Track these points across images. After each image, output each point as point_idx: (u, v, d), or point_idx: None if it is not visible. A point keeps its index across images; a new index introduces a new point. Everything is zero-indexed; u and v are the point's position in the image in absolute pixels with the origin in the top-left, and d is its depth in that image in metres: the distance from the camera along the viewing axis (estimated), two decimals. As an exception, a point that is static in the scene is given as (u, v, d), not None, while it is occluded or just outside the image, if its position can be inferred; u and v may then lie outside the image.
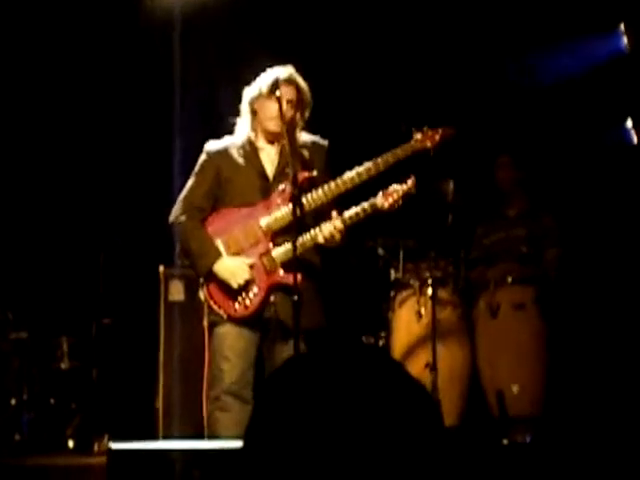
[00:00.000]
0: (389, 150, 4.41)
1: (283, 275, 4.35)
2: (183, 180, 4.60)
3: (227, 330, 4.39)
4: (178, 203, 4.50)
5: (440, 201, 5.69)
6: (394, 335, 5.65)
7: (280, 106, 4.29)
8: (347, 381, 2.66)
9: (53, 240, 6.84)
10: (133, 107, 6.84)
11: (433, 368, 5.24)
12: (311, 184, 4.39)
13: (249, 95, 4.49)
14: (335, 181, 4.38)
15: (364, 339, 5.91)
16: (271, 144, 4.53)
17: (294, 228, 4.15)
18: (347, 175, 4.39)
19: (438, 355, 5.27)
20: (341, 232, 4.37)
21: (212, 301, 4.41)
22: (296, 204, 4.14)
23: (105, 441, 5.68)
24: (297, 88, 4.43)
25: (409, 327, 5.57)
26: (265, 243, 4.41)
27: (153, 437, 5.57)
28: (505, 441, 5.23)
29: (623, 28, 6.55)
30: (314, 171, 4.42)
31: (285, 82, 4.39)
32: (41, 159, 6.85)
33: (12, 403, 5.99)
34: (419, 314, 5.52)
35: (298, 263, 4.10)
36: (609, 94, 6.49)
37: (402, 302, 5.65)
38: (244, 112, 4.53)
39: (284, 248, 4.36)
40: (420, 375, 5.02)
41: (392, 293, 5.74)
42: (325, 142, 4.57)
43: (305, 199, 4.31)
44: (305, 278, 4.23)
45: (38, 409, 6.09)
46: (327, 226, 4.36)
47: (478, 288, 5.68)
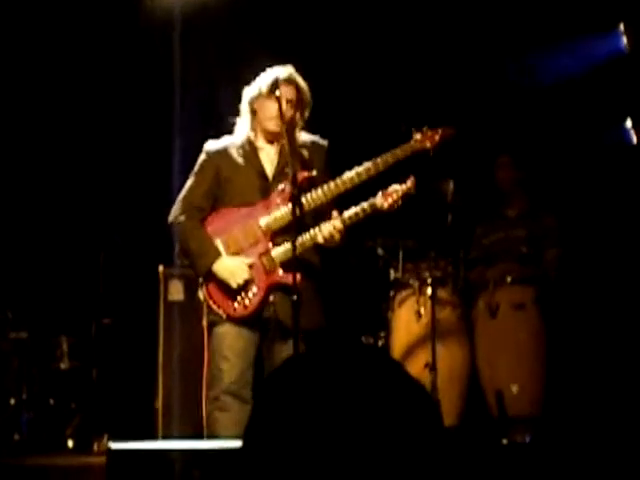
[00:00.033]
0: (389, 150, 4.41)
1: (282, 275, 4.35)
2: (183, 180, 4.60)
3: (226, 330, 4.38)
4: (177, 203, 4.50)
5: (440, 201, 5.68)
6: (393, 335, 5.64)
7: (280, 106, 4.29)
8: (346, 381, 2.66)
9: (53, 240, 6.84)
10: (133, 107, 6.84)
11: (432, 368, 5.23)
12: (311, 184, 4.38)
13: (249, 95, 4.48)
14: (335, 181, 4.38)
15: (363, 339, 5.90)
16: (271, 144, 4.52)
17: (293, 228, 4.15)
18: (347, 175, 4.39)
19: (437, 355, 5.27)
20: (341, 232, 4.36)
21: (211, 301, 4.41)
22: (295, 204, 4.14)
23: (105, 441, 5.68)
24: (297, 88, 4.43)
25: (408, 327, 5.57)
26: (264, 243, 4.41)
27: (153, 437, 5.57)
28: (504, 441, 5.22)
29: (623, 28, 6.54)
30: (314, 171, 4.42)
31: (285, 82, 4.39)
32: (41, 159, 6.85)
33: (12, 403, 5.99)
34: (419, 314, 5.51)
35: (297, 263, 4.10)
36: (609, 94, 6.49)
37: (402, 302, 5.65)
38: (244, 112, 4.53)
39: (283, 248, 4.36)
40: (419, 375, 5.01)
41: (392, 293, 5.73)
42: (325, 142, 4.57)
43: (305, 199, 4.31)
44: (304, 278, 4.22)
45: (38, 409, 6.08)
46: (327, 226, 4.35)
47: (477, 288, 5.68)
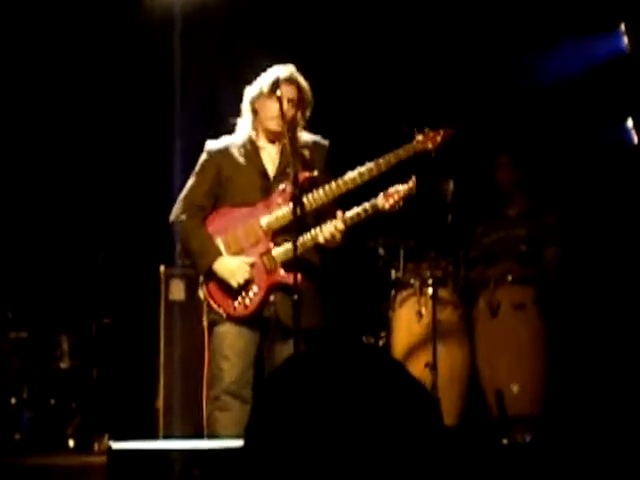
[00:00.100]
0: (390, 151, 4.41)
1: (283, 275, 4.35)
2: (183, 179, 4.60)
3: (227, 329, 4.38)
4: (178, 202, 4.50)
5: (440, 201, 5.68)
6: (394, 335, 5.64)
7: (281, 105, 4.29)
8: (347, 381, 2.66)
9: (53, 239, 6.84)
10: (133, 107, 6.84)
11: (433, 368, 5.23)
12: (312, 184, 4.38)
13: (250, 94, 4.48)
14: (336, 181, 4.38)
15: (364, 339, 5.91)
16: (272, 143, 4.52)
17: (294, 228, 4.15)
18: (348, 175, 4.38)
19: (438, 355, 5.26)
20: (342, 232, 4.36)
21: (212, 300, 4.41)
22: (297, 204, 4.14)
23: (105, 441, 5.68)
24: (298, 87, 4.42)
25: (409, 327, 5.56)
26: (265, 242, 4.41)
27: (153, 437, 5.57)
28: (505, 441, 5.22)
29: (623, 28, 6.54)
30: (315, 171, 4.41)
31: (286, 81, 4.38)
32: (41, 159, 6.85)
33: (12, 402, 5.99)
34: (419, 314, 5.51)
35: (298, 263, 4.09)
36: (609, 94, 6.49)
37: (402, 302, 5.65)
38: (245, 111, 4.53)
39: (284, 248, 4.35)
40: (420, 375, 5.01)
41: (392, 293, 5.73)
42: (326, 142, 4.56)
43: (306, 199, 4.31)
44: (305, 278, 4.22)
45: (38, 408, 6.08)
46: (328, 226, 4.35)
47: (478, 287, 5.67)
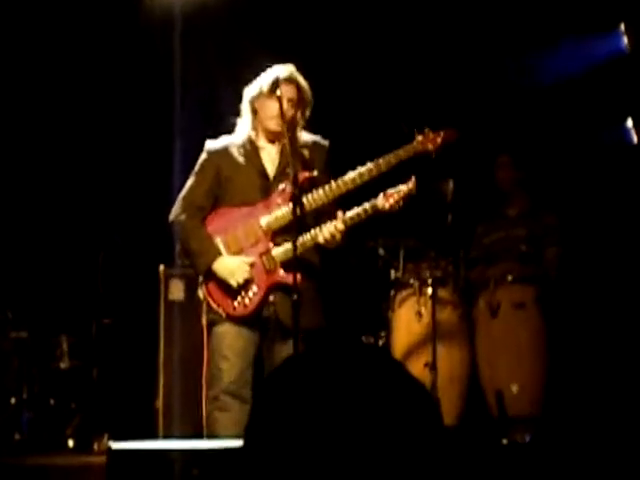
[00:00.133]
0: (391, 151, 4.40)
1: (283, 275, 4.35)
2: (183, 179, 4.60)
3: (226, 329, 4.38)
4: (178, 202, 4.50)
5: (440, 201, 5.68)
6: (394, 335, 5.64)
7: (280, 105, 4.28)
8: (347, 381, 2.66)
9: (53, 239, 6.84)
10: (133, 107, 6.84)
11: (433, 368, 5.23)
12: (312, 184, 4.38)
13: (250, 94, 4.48)
14: (336, 181, 4.37)
15: (364, 339, 5.90)
16: (272, 143, 4.52)
17: (294, 228, 4.14)
18: (348, 175, 4.38)
19: (438, 355, 5.26)
20: (342, 232, 4.36)
21: (211, 300, 4.41)
22: (296, 204, 4.13)
23: (105, 441, 5.68)
24: (298, 87, 4.42)
25: (409, 327, 5.56)
26: (265, 242, 4.41)
27: (153, 437, 5.57)
28: (504, 441, 5.22)
29: (623, 28, 6.54)
30: (315, 171, 4.41)
31: (285, 81, 4.38)
32: (41, 159, 6.85)
33: (12, 402, 5.99)
34: (419, 314, 5.51)
35: (298, 263, 4.09)
36: (609, 94, 6.49)
37: (402, 302, 5.65)
38: (245, 111, 4.52)
39: (284, 248, 4.35)
40: (420, 375, 5.01)
41: (392, 293, 5.73)
42: (326, 142, 4.56)
43: (306, 199, 4.30)
44: (305, 278, 4.22)
45: (38, 408, 6.08)
46: (328, 226, 4.34)
47: (478, 287, 5.67)
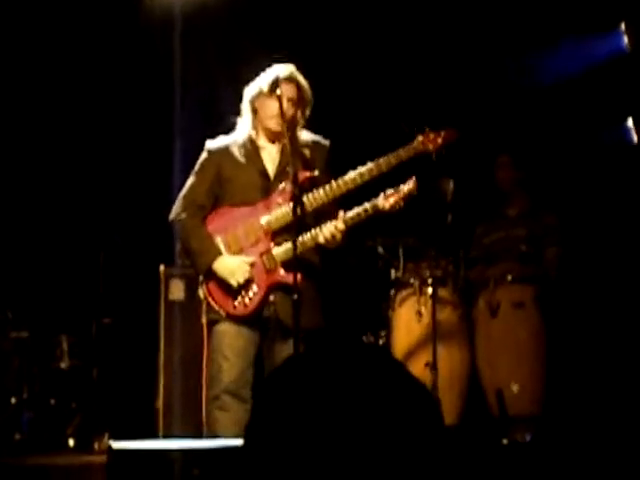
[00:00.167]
0: (391, 151, 4.40)
1: (283, 274, 4.35)
2: (183, 179, 4.60)
3: (226, 329, 4.38)
4: (178, 201, 4.50)
5: (440, 201, 5.68)
6: (394, 334, 5.64)
7: (281, 104, 4.28)
8: (347, 380, 2.66)
9: (53, 239, 6.84)
10: (133, 107, 6.84)
11: (433, 367, 5.24)
12: (312, 184, 4.38)
13: (250, 94, 4.48)
14: (337, 181, 4.37)
15: (364, 338, 5.90)
16: (272, 143, 4.52)
17: (294, 227, 4.14)
18: (349, 175, 4.38)
19: (438, 355, 5.26)
20: (342, 232, 4.36)
21: (211, 299, 4.41)
22: (297, 203, 4.13)
23: (105, 440, 5.68)
24: (298, 86, 4.42)
25: (409, 326, 5.57)
26: (265, 242, 4.41)
27: (153, 436, 5.57)
28: (505, 440, 5.22)
29: (623, 28, 6.54)
30: (315, 171, 4.41)
31: (286, 80, 4.38)
32: (41, 159, 6.85)
33: (12, 402, 5.99)
34: (419, 313, 5.51)
35: (298, 262, 4.09)
36: (609, 94, 6.49)
37: (402, 301, 5.65)
38: (245, 111, 4.52)
39: (284, 247, 4.35)
40: (420, 374, 5.01)
41: (392, 292, 5.73)
42: (327, 142, 4.56)
43: (306, 198, 4.30)
44: (305, 278, 4.22)
45: (38, 408, 6.08)
46: (328, 226, 4.34)
47: (478, 287, 5.67)
